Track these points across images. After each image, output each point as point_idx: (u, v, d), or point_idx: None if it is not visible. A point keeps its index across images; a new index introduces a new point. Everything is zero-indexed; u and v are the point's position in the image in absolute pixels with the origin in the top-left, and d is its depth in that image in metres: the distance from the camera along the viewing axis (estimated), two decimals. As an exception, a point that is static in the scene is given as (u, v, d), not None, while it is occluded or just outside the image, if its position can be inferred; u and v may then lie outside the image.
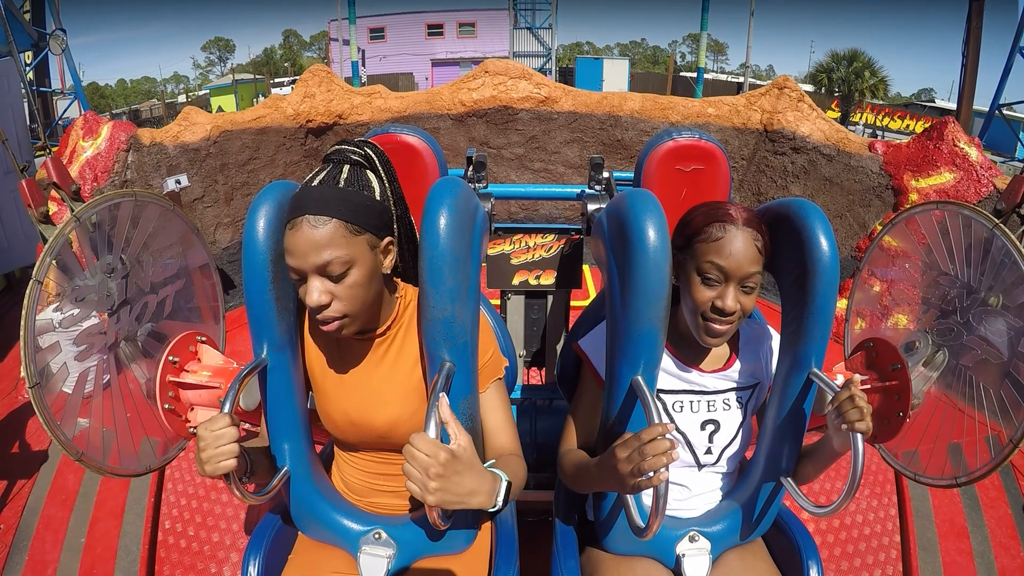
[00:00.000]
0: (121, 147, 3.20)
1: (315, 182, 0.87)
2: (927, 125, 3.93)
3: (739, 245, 0.95)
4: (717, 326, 0.98)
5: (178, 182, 3.29)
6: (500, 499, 0.88)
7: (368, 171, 0.92)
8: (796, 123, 3.94)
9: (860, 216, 3.63)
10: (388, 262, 0.94)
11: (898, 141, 3.58)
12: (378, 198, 0.91)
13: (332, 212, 0.84)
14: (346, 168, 0.89)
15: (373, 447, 1.06)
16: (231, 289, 3.83)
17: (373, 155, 0.93)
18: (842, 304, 3.33)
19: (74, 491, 1.99)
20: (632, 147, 4.39)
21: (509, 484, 0.91)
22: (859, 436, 0.89)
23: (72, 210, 1.64)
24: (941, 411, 1.30)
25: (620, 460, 0.84)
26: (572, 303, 1.86)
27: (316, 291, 0.85)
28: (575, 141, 4.49)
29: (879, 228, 3.41)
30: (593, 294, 3.77)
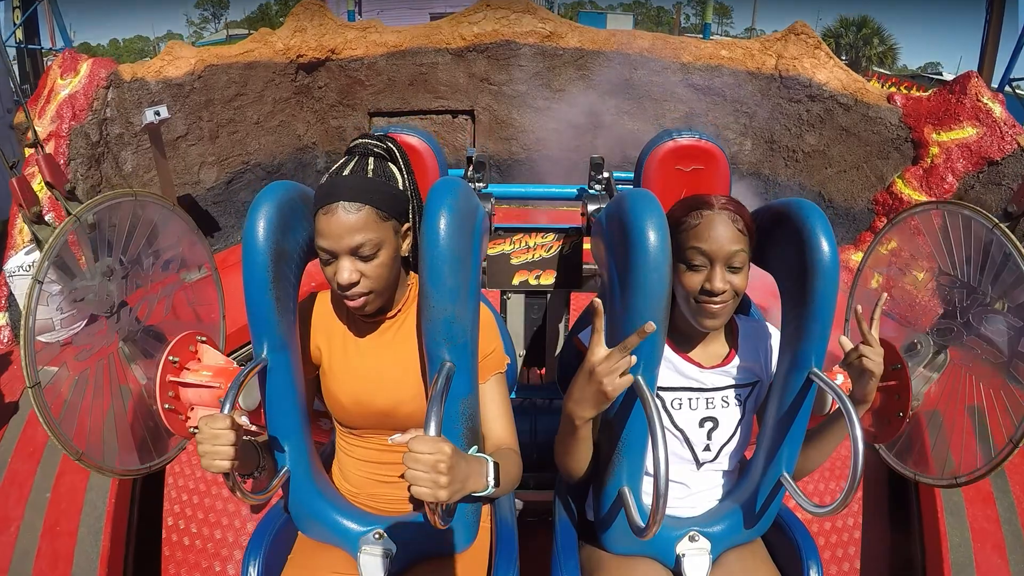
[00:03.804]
0: (100, 84, 3.06)
1: (345, 171, 0.95)
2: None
3: (718, 227, 0.98)
4: (710, 307, 0.99)
5: (157, 114, 3.09)
6: (491, 479, 0.93)
7: (390, 164, 1.00)
8: (812, 70, 3.80)
9: (878, 168, 3.54)
10: (406, 246, 1.02)
11: (918, 94, 3.48)
12: (400, 188, 0.99)
13: (365, 199, 0.92)
14: (371, 160, 0.97)
15: (376, 427, 1.08)
16: (216, 231, 3.72)
17: (394, 149, 1.02)
18: (857, 257, 3.20)
19: (42, 443, 1.92)
20: (641, 87, 4.25)
21: (497, 465, 0.95)
22: (859, 437, 0.89)
23: (68, 210, 1.63)
24: (958, 373, 1.32)
25: (597, 363, 0.89)
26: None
27: (347, 270, 0.93)
28: (581, 79, 4.33)
29: (897, 181, 3.41)
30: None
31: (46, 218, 1.57)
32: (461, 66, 4.38)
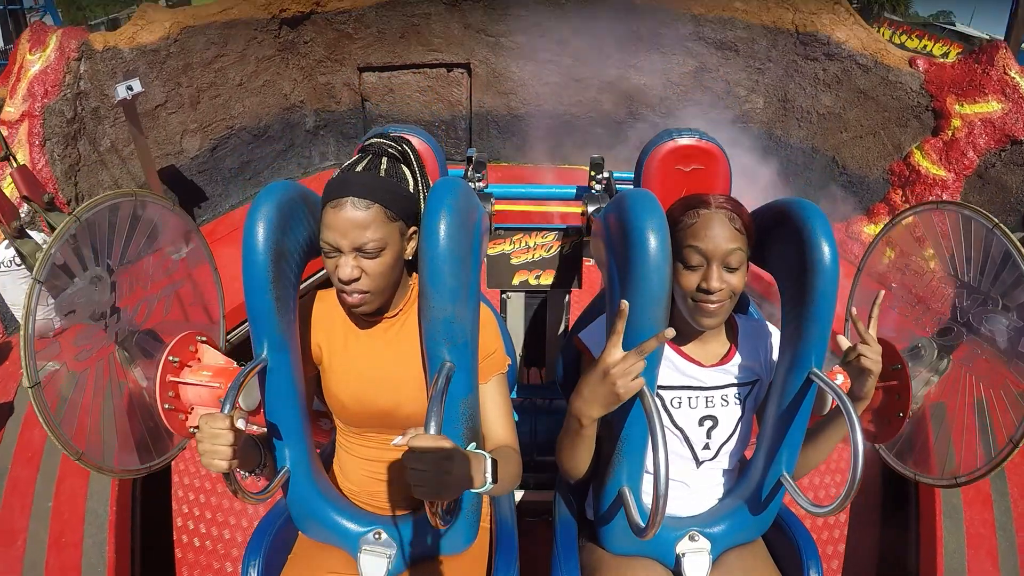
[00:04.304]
0: (72, 56, 2.88)
1: (358, 168, 0.95)
2: (945, 49, 3.64)
3: (714, 226, 0.99)
4: (707, 305, 0.99)
5: (129, 88, 2.89)
6: (488, 476, 0.92)
7: (403, 165, 1.00)
8: (831, 27, 3.58)
9: (895, 136, 3.34)
10: (411, 249, 1.02)
11: (942, 60, 3.30)
12: (411, 191, 0.99)
13: (374, 197, 0.93)
14: (385, 160, 0.98)
15: (377, 426, 1.08)
16: (203, 201, 3.57)
17: (409, 151, 1.02)
18: (870, 229, 3.09)
19: (40, 446, 1.90)
20: (649, 39, 4.01)
21: (494, 461, 0.94)
22: (859, 438, 0.89)
23: (49, 223, 1.62)
24: (958, 373, 1.32)
25: (613, 365, 0.89)
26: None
27: (349, 266, 0.93)
28: (585, 31, 4.06)
29: (915, 152, 3.25)
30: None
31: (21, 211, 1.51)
32: (456, 16, 4.14)
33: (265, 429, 1.04)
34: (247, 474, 0.99)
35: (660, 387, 1.08)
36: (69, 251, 1.16)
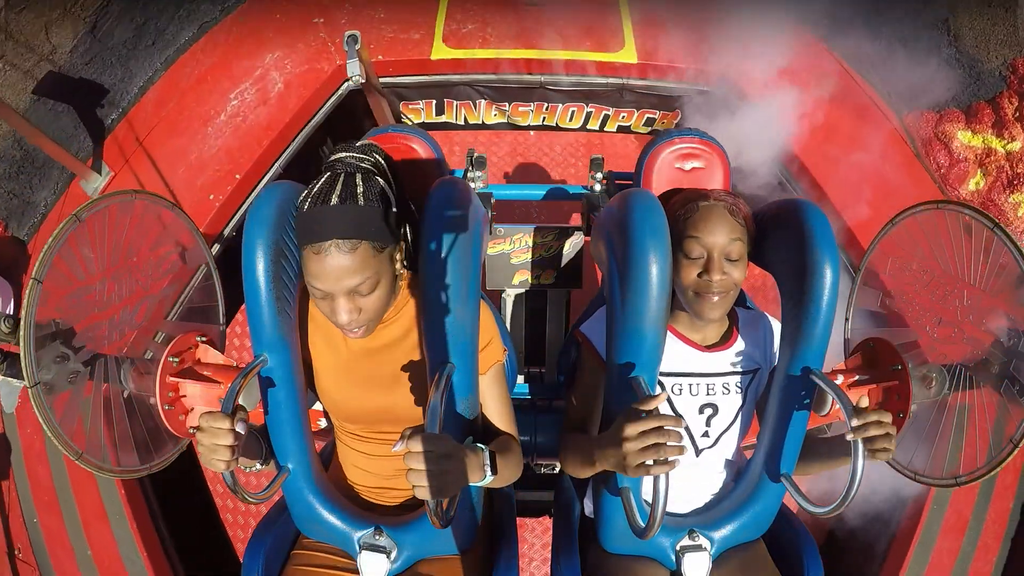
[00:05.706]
0: None
1: (332, 199, 0.85)
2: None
3: (714, 217, 0.99)
4: (710, 297, 1.00)
5: None
6: (488, 470, 0.91)
7: (378, 177, 0.92)
8: None
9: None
10: (400, 260, 0.97)
11: None
12: (394, 209, 0.92)
13: (360, 235, 0.85)
14: (359, 178, 0.88)
15: (374, 423, 1.08)
16: (106, 95, 2.79)
17: (380, 159, 0.94)
18: (965, 137, 2.44)
19: (49, 485, 1.88)
20: None
21: (492, 453, 0.93)
22: (860, 439, 0.89)
23: None
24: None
25: (629, 438, 0.82)
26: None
27: (345, 311, 0.89)
28: None
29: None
30: None
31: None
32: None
33: (264, 423, 1.04)
34: (250, 467, 0.99)
35: (661, 373, 1.08)
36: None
